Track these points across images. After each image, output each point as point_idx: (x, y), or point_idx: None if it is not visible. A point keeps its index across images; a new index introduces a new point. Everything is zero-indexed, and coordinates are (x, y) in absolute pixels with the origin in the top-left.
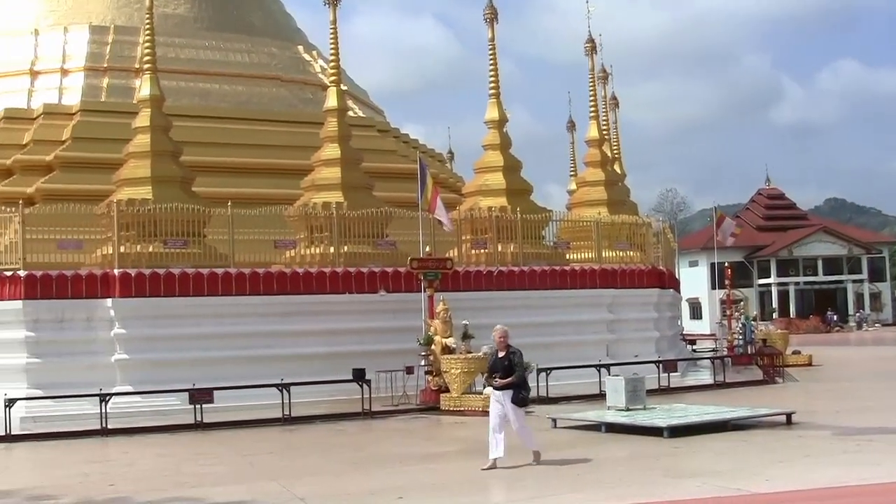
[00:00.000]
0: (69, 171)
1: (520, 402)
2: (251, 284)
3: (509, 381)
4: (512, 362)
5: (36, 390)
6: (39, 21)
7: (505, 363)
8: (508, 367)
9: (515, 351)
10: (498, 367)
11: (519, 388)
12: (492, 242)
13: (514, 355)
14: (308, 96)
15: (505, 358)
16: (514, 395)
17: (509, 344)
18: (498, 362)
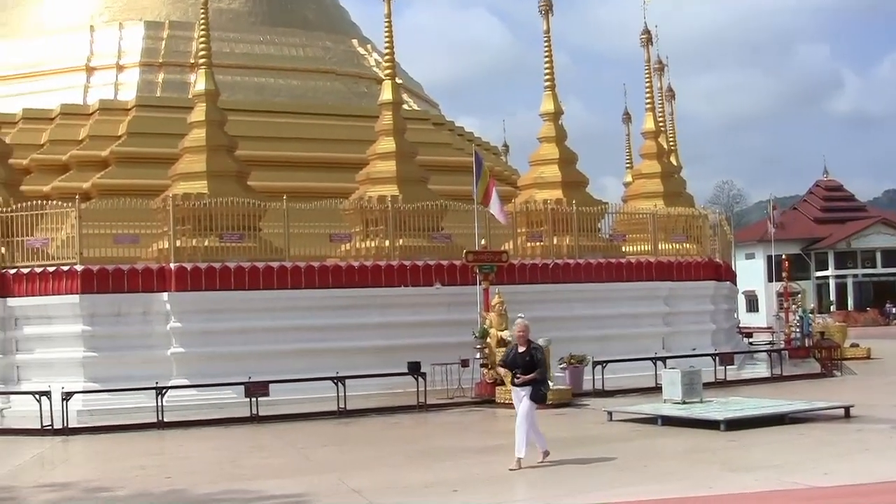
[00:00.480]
0: (125, 166)
1: (538, 399)
2: (306, 278)
3: (532, 377)
4: (534, 358)
5: (93, 384)
6: (95, 18)
7: (526, 359)
8: (530, 363)
9: (537, 346)
10: (519, 363)
11: (538, 385)
12: (547, 235)
13: (536, 351)
14: (363, 90)
15: (526, 353)
16: (534, 391)
17: (530, 339)
18: (518, 357)
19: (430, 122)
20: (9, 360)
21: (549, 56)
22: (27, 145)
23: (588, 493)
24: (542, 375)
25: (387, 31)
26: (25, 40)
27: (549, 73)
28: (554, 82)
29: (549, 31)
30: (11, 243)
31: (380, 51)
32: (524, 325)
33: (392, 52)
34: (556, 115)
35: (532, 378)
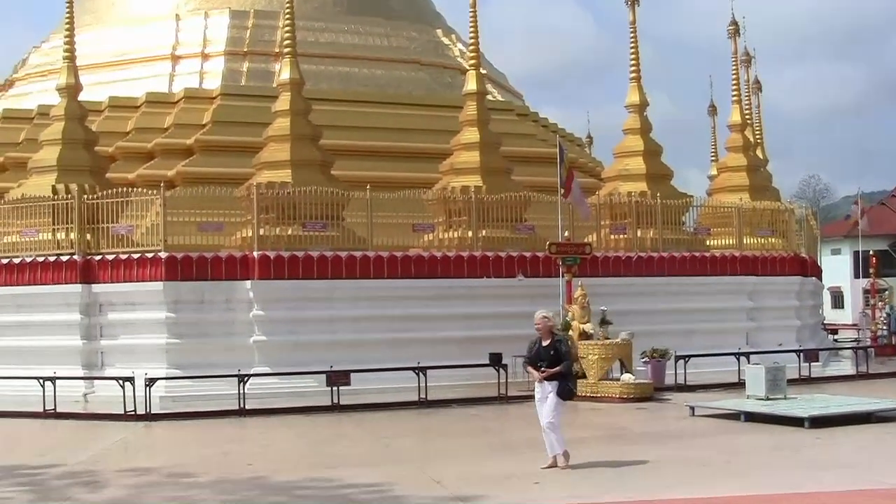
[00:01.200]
0: (209, 154)
1: (565, 395)
2: (389, 268)
3: (557, 370)
4: (559, 351)
5: (175, 370)
6: (181, 7)
7: (551, 352)
8: (555, 357)
9: (561, 339)
10: (543, 357)
11: (565, 380)
12: (631, 228)
13: (561, 343)
14: (447, 80)
15: (550, 346)
16: (560, 386)
17: (554, 332)
18: (543, 351)
19: (514, 113)
20: (93, 346)
21: (635, 47)
22: (113, 133)
23: (672, 489)
24: (567, 369)
25: (472, 21)
26: (112, 29)
27: (635, 64)
28: (639, 73)
29: (634, 22)
30: (97, 230)
31: (464, 41)
32: (542, 317)
33: (477, 42)
34: (641, 107)
35: (557, 371)
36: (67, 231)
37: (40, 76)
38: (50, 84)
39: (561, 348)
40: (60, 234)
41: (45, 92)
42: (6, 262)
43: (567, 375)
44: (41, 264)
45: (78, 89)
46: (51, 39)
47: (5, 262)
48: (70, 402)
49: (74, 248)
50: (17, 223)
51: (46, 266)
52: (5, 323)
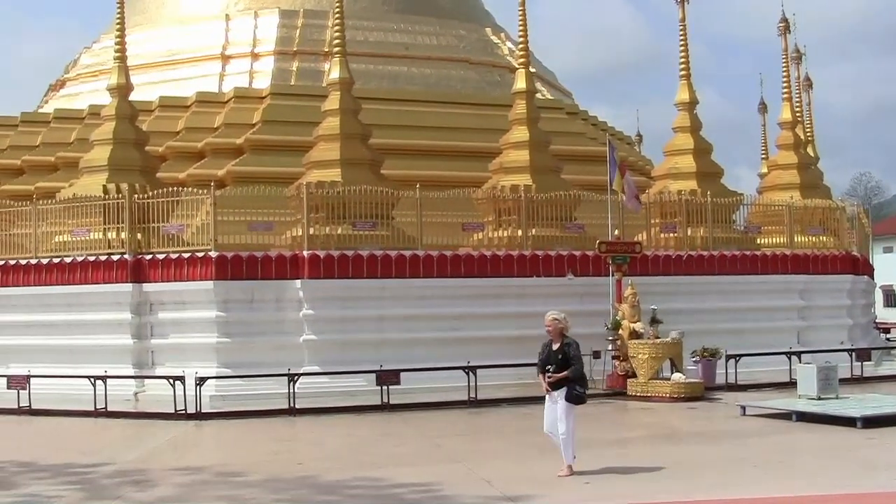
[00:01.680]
0: (259, 153)
1: (574, 400)
2: (439, 267)
3: (564, 374)
4: (567, 355)
5: (225, 369)
6: (230, 6)
7: (559, 356)
8: (564, 361)
9: (571, 342)
10: (552, 361)
11: (574, 384)
12: (681, 226)
13: (570, 347)
14: (496, 79)
15: (560, 350)
16: (569, 391)
17: (565, 334)
18: (552, 355)
19: (563, 112)
20: (144, 345)
21: (685, 45)
22: (163, 133)
23: (724, 489)
24: (576, 374)
25: (521, 20)
26: (162, 29)
27: (685, 61)
28: (689, 71)
29: (684, 19)
30: (148, 229)
31: (513, 39)
32: (552, 319)
33: (526, 40)
34: (691, 105)
35: (564, 376)
36: (118, 230)
37: (91, 76)
38: (101, 84)
39: (570, 352)
40: (111, 233)
41: (96, 92)
42: (57, 261)
43: (576, 380)
44: (92, 264)
45: (129, 89)
46: (101, 40)
47: (57, 262)
48: (121, 401)
49: (125, 247)
50: (68, 223)
51: (97, 265)
52: (57, 322)
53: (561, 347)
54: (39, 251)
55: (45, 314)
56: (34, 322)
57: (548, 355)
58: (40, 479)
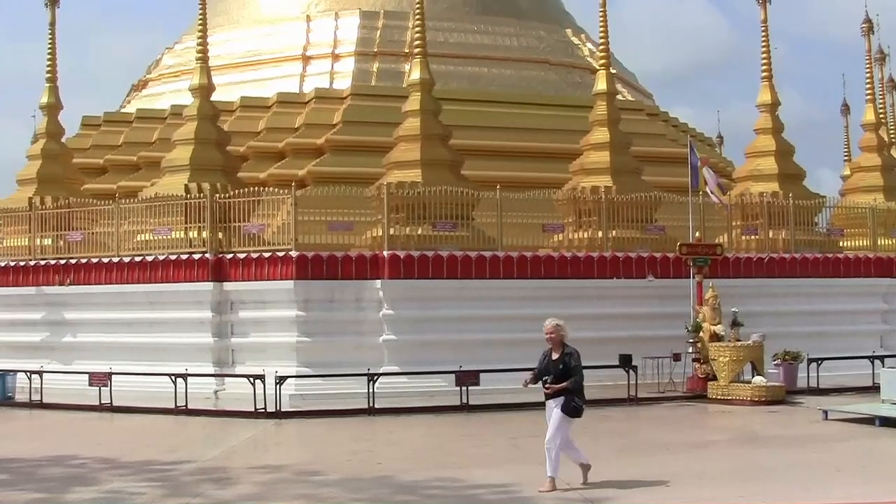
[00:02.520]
0: (340, 153)
1: (571, 412)
2: (518, 268)
3: (563, 386)
4: (567, 365)
5: (305, 368)
6: (311, 8)
7: (559, 367)
8: (564, 372)
9: (572, 352)
10: (551, 371)
11: (573, 396)
12: (763, 229)
13: (571, 357)
14: (576, 80)
15: (560, 360)
16: (565, 403)
17: (565, 343)
18: (551, 365)
19: (643, 113)
20: (224, 343)
21: (767, 46)
22: (244, 133)
23: (806, 493)
24: (575, 385)
25: (601, 21)
26: (243, 30)
27: (767, 63)
28: (771, 72)
29: (766, 20)
30: (229, 229)
31: (594, 40)
32: (554, 326)
33: (606, 41)
34: (773, 107)
35: (563, 387)
36: (199, 229)
37: (173, 77)
38: (182, 84)
39: (570, 362)
40: (193, 232)
41: (178, 92)
42: (139, 259)
43: (574, 391)
44: (173, 262)
45: (210, 90)
46: (183, 41)
47: (138, 260)
48: (201, 399)
49: (206, 246)
50: (150, 221)
51: (179, 264)
52: (138, 320)
53: (561, 357)
54: (121, 250)
55: (127, 312)
56: (116, 320)
57: (546, 365)
58: (122, 475)
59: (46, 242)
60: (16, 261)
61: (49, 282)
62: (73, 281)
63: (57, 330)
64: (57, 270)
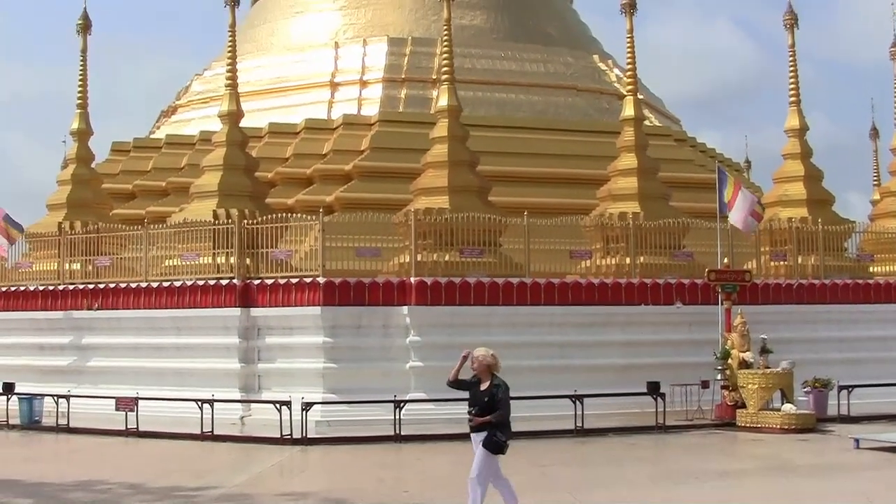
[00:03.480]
0: (367, 180)
1: (493, 448)
2: (546, 294)
3: (486, 419)
4: (494, 398)
5: (332, 395)
6: (339, 34)
7: (485, 399)
8: (490, 404)
9: (500, 383)
10: (477, 401)
11: (495, 430)
12: (791, 254)
13: (499, 389)
14: (604, 105)
15: (487, 391)
16: (488, 437)
17: (494, 374)
18: (479, 395)
19: (671, 139)
20: (251, 369)
21: (794, 71)
22: (272, 159)
23: None
24: (499, 419)
25: (628, 47)
26: (272, 57)
27: (794, 87)
28: (799, 97)
29: (793, 45)
30: (256, 254)
31: (621, 66)
32: (483, 356)
33: (634, 67)
34: (801, 132)
35: (486, 421)
36: (227, 255)
37: (202, 103)
38: (211, 110)
39: (497, 394)
40: (220, 258)
41: (207, 118)
42: (167, 285)
43: (499, 426)
44: (201, 288)
45: (239, 116)
46: (212, 67)
47: (166, 286)
48: (227, 425)
49: (234, 272)
50: (178, 247)
51: (206, 289)
52: (165, 345)
53: (489, 388)
54: (149, 275)
55: (154, 337)
56: (143, 345)
57: (473, 395)
58: (147, 500)
59: (75, 267)
60: (44, 285)
61: (77, 306)
62: (101, 305)
63: (84, 354)
64: (85, 295)
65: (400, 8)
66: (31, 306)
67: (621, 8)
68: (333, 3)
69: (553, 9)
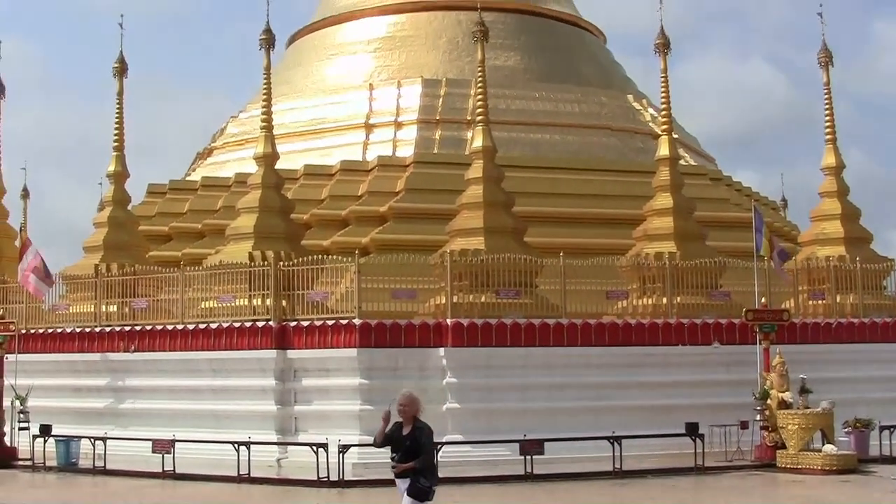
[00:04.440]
0: (403, 221)
1: (417, 495)
2: (583, 335)
3: (410, 466)
4: (417, 442)
5: (368, 437)
6: (373, 76)
7: (407, 442)
8: (413, 448)
9: (423, 427)
10: (400, 447)
11: (419, 476)
12: (830, 293)
13: (421, 433)
14: (638, 145)
15: (410, 435)
16: (412, 484)
17: (418, 417)
18: (401, 440)
19: (707, 178)
20: (287, 411)
21: (830, 108)
22: (308, 200)
23: None
24: (423, 464)
25: (663, 86)
26: (307, 99)
27: (830, 125)
28: (835, 135)
29: (828, 83)
30: (292, 296)
31: (655, 106)
32: (408, 398)
33: (668, 106)
34: (837, 170)
35: (410, 467)
36: (263, 297)
37: (237, 145)
38: (247, 153)
39: (420, 439)
40: (256, 300)
41: (243, 160)
42: (203, 327)
43: (423, 471)
44: (237, 330)
45: (275, 158)
46: (247, 109)
47: (202, 328)
48: (264, 467)
49: (270, 313)
50: (214, 289)
51: (242, 331)
52: (201, 387)
53: (412, 432)
54: (186, 317)
55: (191, 379)
56: (179, 387)
57: (396, 439)
58: None
59: (112, 309)
60: (81, 327)
61: (114, 348)
62: (137, 347)
63: (121, 396)
64: (122, 337)
65: (434, 49)
66: (68, 348)
67: (655, 48)
68: (368, 45)
69: (587, 49)
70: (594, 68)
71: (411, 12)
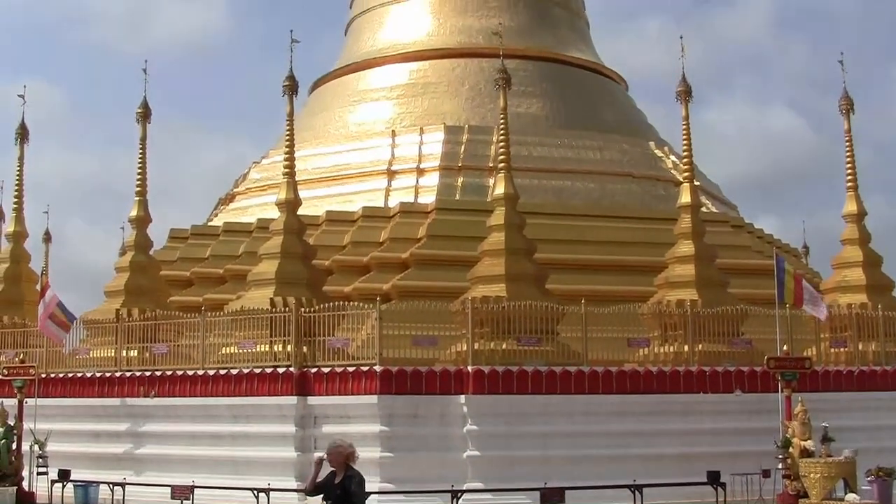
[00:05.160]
0: (424, 268)
1: None
2: (604, 383)
3: None
4: (347, 490)
5: (388, 484)
6: (396, 123)
7: (338, 491)
8: (342, 497)
9: (354, 474)
10: (331, 496)
11: None
12: (852, 341)
13: (352, 480)
14: (660, 192)
15: (340, 484)
16: None
17: (350, 464)
18: (332, 488)
19: (728, 225)
20: (307, 458)
21: (851, 155)
22: (330, 246)
23: None
24: None
25: (684, 134)
26: (329, 146)
27: (852, 173)
28: (856, 182)
29: (850, 130)
30: (313, 342)
31: (677, 153)
32: (339, 446)
33: (690, 154)
34: (859, 217)
35: None
36: (284, 343)
37: (260, 191)
38: (269, 198)
39: (350, 487)
40: (277, 346)
41: (265, 206)
42: (224, 372)
43: None
44: (258, 376)
45: (297, 204)
46: (270, 155)
47: (223, 373)
48: None
49: (291, 360)
50: (235, 335)
51: (263, 377)
52: (221, 433)
53: (343, 480)
54: (206, 362)
55: (211, 425)
56: (199, 433)
57: (327, 487)
58: None
59: (132, 354)
60: (101, 372)
61: (134, 393)
62: (157, 393)
63: (140, 441)
64: (142, 382)
65: (456, 97)
66: (87, 393)
67: (677, 95)
68: (390, 91)
69: (609, 96)
70: (616, 115)
71: (434, 59)
